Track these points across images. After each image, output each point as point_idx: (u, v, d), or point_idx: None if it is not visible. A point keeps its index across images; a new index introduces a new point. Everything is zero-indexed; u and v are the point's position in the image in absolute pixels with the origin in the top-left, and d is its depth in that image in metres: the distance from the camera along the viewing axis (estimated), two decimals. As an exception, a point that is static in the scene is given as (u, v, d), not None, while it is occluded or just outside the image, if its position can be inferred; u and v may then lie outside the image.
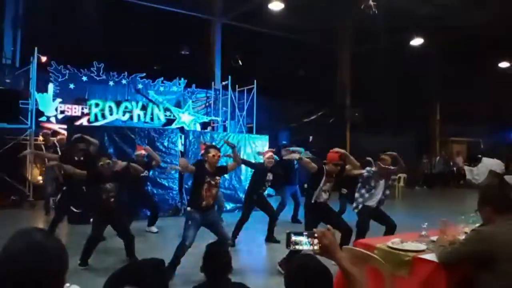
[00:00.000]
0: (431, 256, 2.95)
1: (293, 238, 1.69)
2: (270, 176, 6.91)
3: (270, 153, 7.11)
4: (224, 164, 5.61)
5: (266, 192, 7.86)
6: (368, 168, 5.80)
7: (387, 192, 5.78)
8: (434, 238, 3.42)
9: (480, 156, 17.41)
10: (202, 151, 7.89)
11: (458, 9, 14.17)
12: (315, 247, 1.67)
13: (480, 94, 17.96)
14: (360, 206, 5.67)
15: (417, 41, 15.98)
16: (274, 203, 8.04)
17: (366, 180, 5.64)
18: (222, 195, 8.02)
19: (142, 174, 6.94)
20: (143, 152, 7.15)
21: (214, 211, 5.28)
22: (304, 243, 1.68)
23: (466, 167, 17.21)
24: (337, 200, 7.97)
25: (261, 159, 7.54)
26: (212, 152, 5.05)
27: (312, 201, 5.19)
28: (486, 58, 17.06)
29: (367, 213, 5.62)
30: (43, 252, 1.21)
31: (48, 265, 1.21)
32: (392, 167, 5.62)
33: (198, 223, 4.95)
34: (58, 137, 9.42)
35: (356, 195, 5.76)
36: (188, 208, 5.05)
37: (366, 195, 5.63)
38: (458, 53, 16.96)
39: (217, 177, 5.12)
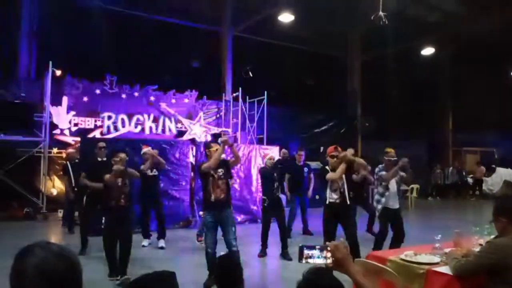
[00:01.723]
0: (445, 269, 2.91)
1: (306, 251, 1.68)
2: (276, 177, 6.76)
3: (270, 154, 7.24)
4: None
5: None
6: (379, 166, 5.85)
7: (401, 188, 5.82)
8: (448, 250, 3.37)
9: (494, 166, 17.17)
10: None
11: (469, 15, 14.12)
12: (328, 261, 1.66)
13: (493, 102, 17.75)
14: (382, 207, 5.65)
15: (428, 51, 15.94)
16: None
17: (380, 179, 5.67)
18: None
19: (151, 174, 7.04)
20: (149, 149, 7.23)
21: (229, 212, 5.16)
22: (317, 257, 1.67)
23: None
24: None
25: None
26: (214, 147, 5.17)
27: (327, 202, 5.33)
28: (499, 65, 16.89)
29: (388, 217, 5.63)
30: (69, 260, 1.23)
31: (76, 273, 1.23)
32: (396, 158, 5.70)
33: (213, 225, 5.01)
34: (69, 150, 9.29)
35: (376, 197, 5.78)
36: (201, 213, 5.19)
37: (386, 193, 5.64)
38: (470, 60, 16.83)
39: (220, 169, 5.07)
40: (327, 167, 5.42)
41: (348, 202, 5.31)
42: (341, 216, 5.29)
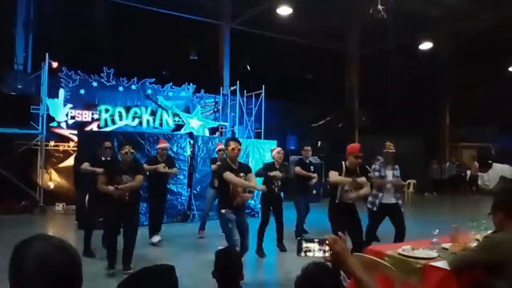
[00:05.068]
0: (442, 264, 2.92)
1: (304, 245, 1.68)
2: (278, 173, 6.54)
3: (279, 148, 6.93)
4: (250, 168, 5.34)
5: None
6: (376, 163, 5.80)
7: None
8: (445, 245, 3.39)
9: (490, 161, 17.25)
10: (218, 147, 7.79)
11: (469, 11, 14.07)
12: (326, 254, 1.66)
13: (490, 97, 17.77)
14: (376, 206, 5.55)
15: (426, 45, 15.90)
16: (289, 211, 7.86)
17: (378, 177, 5.61)
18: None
19: (162, 171, 6.92)
20: (166, 145, 7.17)
21: (244, 214, 5.08)
22: (316, 250, 1.67)
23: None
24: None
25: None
26: (232, 145, 4.82)
27: (336, 201, 4.99)
28: (497, 61, 16.89)
29: (384, 213, 5.55)
30: (68, 253, 1.22)
31: (76, 265, 1.23)
32: (394, 151, 5.61)
33: (235, 223, 4.81)
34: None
35: (374, 192, 5.58)
36: (223, 211, 4.80)
37: (379, 194, 5.56)
38: (468, 56, 16.82)
39: (241, 174, 4.84)
40: (343, 163, 5.03)
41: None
42: (350, 217, 5.07)
